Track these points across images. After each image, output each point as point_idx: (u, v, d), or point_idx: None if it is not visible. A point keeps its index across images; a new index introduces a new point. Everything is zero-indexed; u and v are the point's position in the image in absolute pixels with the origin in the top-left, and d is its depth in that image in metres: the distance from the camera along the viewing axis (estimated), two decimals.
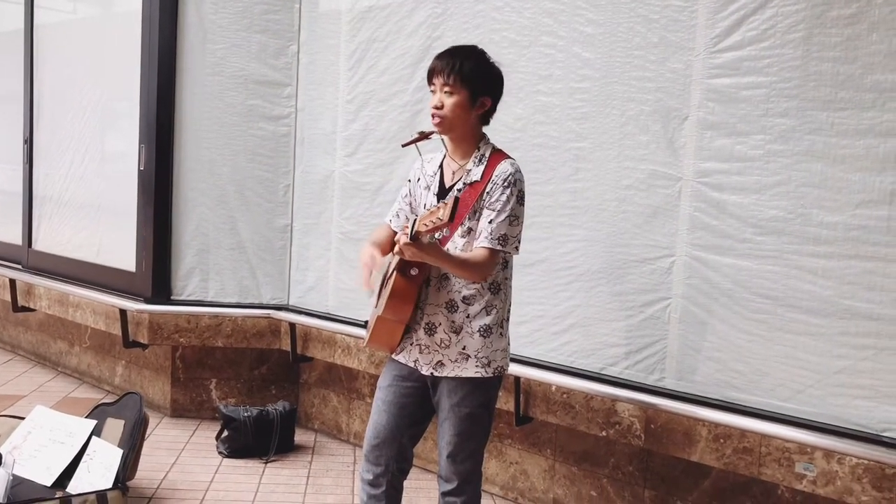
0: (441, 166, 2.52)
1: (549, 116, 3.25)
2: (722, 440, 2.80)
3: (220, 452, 4.02)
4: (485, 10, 3.45)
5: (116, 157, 4.76)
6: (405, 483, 2.62)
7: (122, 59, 4.56)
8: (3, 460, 3.28)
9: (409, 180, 2.61)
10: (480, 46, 2.50)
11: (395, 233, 2.59)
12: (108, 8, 5.06)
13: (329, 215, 4.16)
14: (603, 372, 3.13)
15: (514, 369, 3.26)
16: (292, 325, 4.20)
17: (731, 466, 2.80)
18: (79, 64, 4.99)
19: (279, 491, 3.64)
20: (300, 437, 4.26)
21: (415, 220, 2.20)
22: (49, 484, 3.28)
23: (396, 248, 2.26)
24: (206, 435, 4.25)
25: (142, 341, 4.40)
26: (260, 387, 4.53)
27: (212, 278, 4.37)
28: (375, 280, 2.49)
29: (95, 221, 4.88)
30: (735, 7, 2.76)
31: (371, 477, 2.54)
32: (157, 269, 4.34)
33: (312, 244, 4.27)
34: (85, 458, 3.34)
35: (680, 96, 2.90)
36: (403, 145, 2.54)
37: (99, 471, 3.27)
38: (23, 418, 3.60)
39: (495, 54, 3.38)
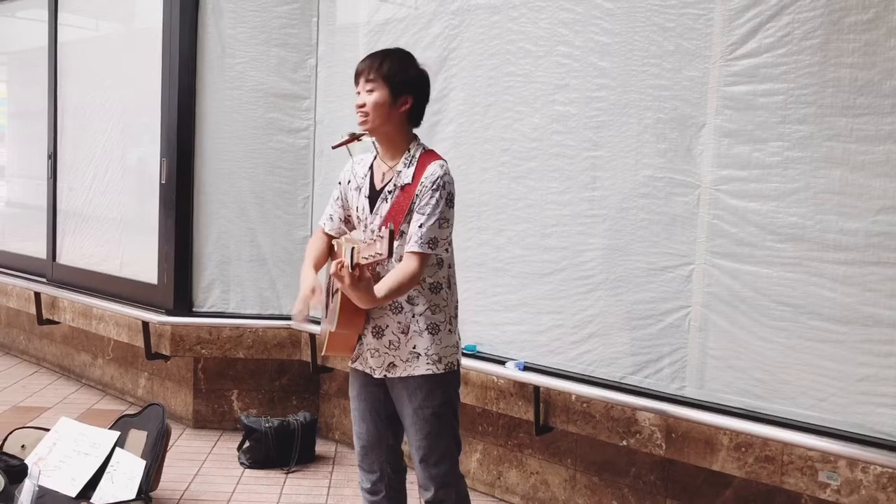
0: (371, 168, 2.53)
1: (566, 126, 3.26)
2: (743, 449, 2.78)
3: (241, 463, 4.05)
4: (501, 22, 3.46)
5: (138, 171, 4.82)
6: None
7: (144, 75, 4.62)
8: (29, 471, 3.32)
9: (340, 182, 2.63)
10: (407, 49, 2.54)
11: (330, 237, 2.64)
12: (129, 24, 5.13)
13: None
14: (623, 381, 3.12)
15: (534, 378, 3.27)
16: (312, 336, 4.22)
17: (753, 475, 2.77)
18: (101, 80, 5.06)
19: (300, 501, 3.66)
20: (321, 447, 4.28)
21: (352, 249, 2.19)
22: (73, 495, 3.31)
23: (333, 269, 2.26)
24: (228, 446, 4.27)
25: (164, 353, 4.44)
26: (281, 397, 4.55)
27: (232, 290, 4.41)
28: (318, 298, 2.50)
29: (118, 235, 4.94)
30: (751, 14, 2.75)
31: (369, 485, 2.59)
32: (179, 282, 4.39)
33: None
34: (109, 469, 3.38)
35: (697, 104, 2.90)
36: (333, 147, 2.57)
37: (122, 482, 3.30)
38: (48, 430, 3.64)
39: (512, 65, 3.44)
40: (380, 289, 2.31)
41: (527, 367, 3.34)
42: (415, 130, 2.52)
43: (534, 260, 3.37)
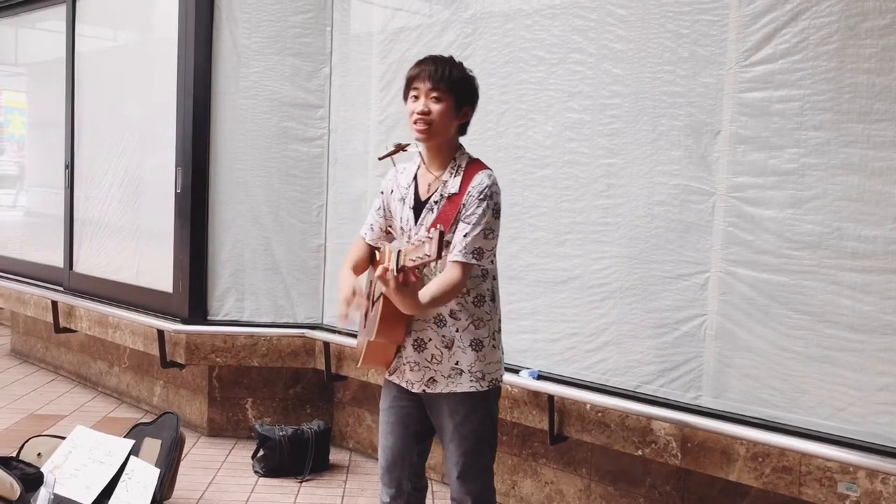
0: (416, 178, 2.47)
1: (580, 133, 3.25)
2: (760, 459, 2.75)
3: (255, 472, 4.05)
4: (514, 29, 3.46)
5: (154, 180, 4.85)
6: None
7: (159, 84, 4.66)
8: (44, 479, 3.34)
9: (382, 192, 2.57)
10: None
11: (371, 247, 2.58)
12: (145, 34, 5.17)
13: None
14: (638, 390, 3.09)
15: (548, 387, 3.25)
16: (326, 345, 4.22)
17: (770, 486, 2.74)
18: (117, 90, 5.11)
19: None
20: (335, 455, 4.27)
21: (398, 252, 2.15)
22: (88, 503, 3.32)
23: (378, 273, 2.21)
24: (243, 454, 4.28)
25: (179, 361, 4.45)
26: (295, 406, 4.55)
27: (247, 298, 4.42)
28: (359, 301, 2.44)
29: (134, 243, 4.97)
30: (766, 20, 2.73)
31: (388, 499, 2.54)
32: (194, 290, 4.40)
33: None
34: (123, 477, 3.39)
35: (712, 111, 2.88)
36: (380, 158, 2.52)
37: (137, 490, 3.31)
38: (64, 438, 3.66)
39: (525, 72, 3.44)
40: (423, 294, 2.26)
41: (541, 376, 3.32)
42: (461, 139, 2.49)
43: (548, 268, 3.36)
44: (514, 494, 3.69)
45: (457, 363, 2.39)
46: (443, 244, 2.04)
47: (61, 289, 5.44)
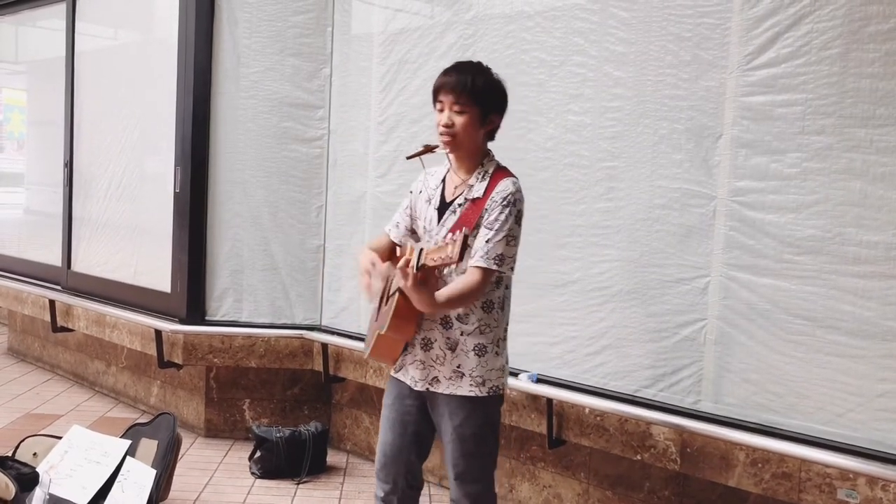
0: (444, 180, 2.50)
1: (581, 136, 3.23)
2: (760, 465, 2.74)
3: (252, 473, 4.03)
4: (515, 31, 3.45)
5: (153, 180, 4.84)
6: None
7: (159, 84, 4.65)
8: (40, 479, 3.32)
9: (412, 192, 2.60)
10: (486, 63, 2.48)
11: (393, 244, 2.60)
12: (146, 34, 5.16)
13: (361, 236, 4.17)
14: (637, 394, 3.08)
15: (547, 391, 3.24)
16: (324, 346, 4.21)
17: (770, 492, 2.73)
18: (117, 89, 5.09)
19: None
20: (332, 457, 4.25)
21: (420, 250, 2.16)
22: (84, 503, 3.30)
23: (399, 265, 2.23)
24: (240, 455, 4.26)
25: (176, 361, 4.44)
26: (293, 407, 4.54)
27: (245, 299, 4.40)
28: (375, 289, 2.47)
29: (132, 243, 4.95)
30: (769, 24, 2.72)
31: (382, 494, 2.56)
32: (192, 290, 4.39)
33: (345, 265, 4.28)
34: (119, 478, 3.37)
35: (713, 114, 2.87)
36: (408, 157, 2.54)
37: (133, 491, 3.29)
38: (60, 438, 3.65)
39: (526, 74, 3.42)
40: (441, 295, 2.29)
41: (540, 380, 3.30)
42: (489, 145, 2.49)
43: (547, 271, 3.34)
44: (512, 498, 3.68)
45: (459, 366, 2.40)
46: (465, 247, 2.04)
47: (59, 288, 5.43)
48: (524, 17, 3.42)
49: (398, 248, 2.59)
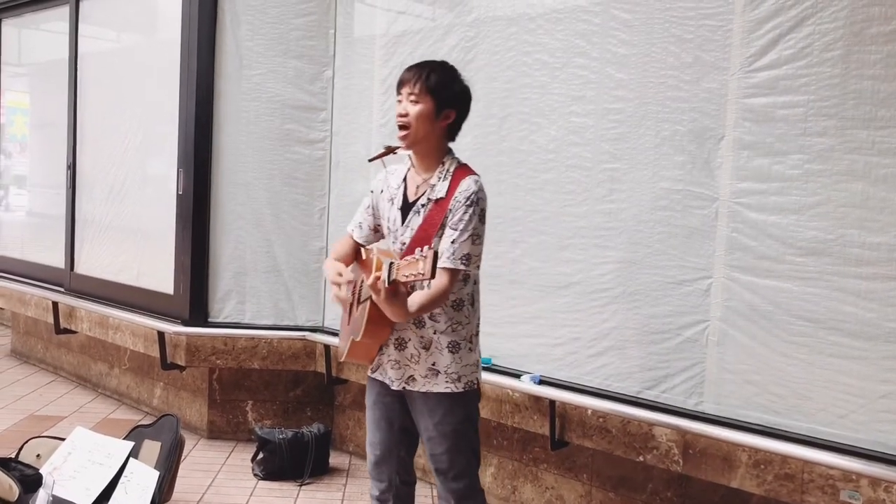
0: (405, 179, 2.52)
1: (583, 138, 3.24)
2: (763, 466, 2.74)
3: (255, 475, 4.04)
4: (517, 33, 3.46)
5: (156, 182, 4.84)
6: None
7: (162, 86, 4.65)
8: (43, 481, 3.33)
9: (373, 192, 2.62)
10: (450, 63, 2.54)
11: (358, 244, 2.63)
12: (148, 36, 5.17)
13: None
14: (640, 396, 3.08)
15: (550, 392, 3.24)
16: (327, 347, 4.22)
17: (772, 493, 2.73)
18: (120, 91, 5.11)
19: None
20: (335, 459, 4.26)
21: (391, 265, 2.18)
22: None
23: (369, 282, 2.24)
24: (242, 457, 4.27)
25: (179, 363, 4.44)
26: (295, 409, 4.54)
27: (248, 301, 4.41)
28: (343, 297, 2.50)
29: (135, 245, 4.96)
30: (771, 25, 2.73)
31: (378, 493, 2.61)
32: (195, 292, 4.40)
33: None
34: (122, 479, 3.38)
35: (715, 116, 2.87)
36: (370, 160, 2.58)
37: (136, 492, 3.30)
38: (63, 439, 3.65)
39: (528, 76, 3.43)
40: (412, 303, 2.33)
41: (542, 381, 3.31)
42: (450, 144, 2.52)
43: (550, 272, 3.35)
44: (515, 499, 3.68)
45: (433, 364, 2.44)
46: (436, 264, 2.07)
47: (62, 290, 5.44)
48: (526, 19, 3.42)
49: (363, 250, 2.63)
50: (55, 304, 5.35)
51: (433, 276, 2.08)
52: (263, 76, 4.35)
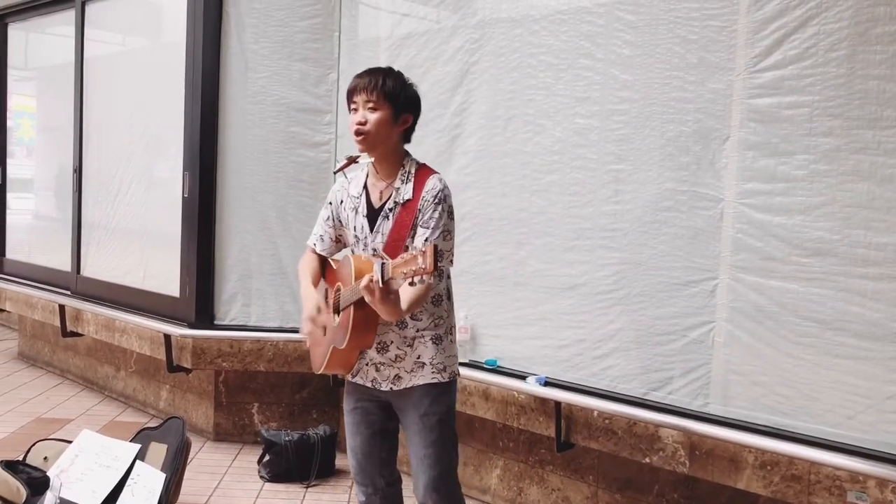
0: (365, 187, 2.53)
1: (588, 139, 3.24)
2: (769, 467, 2.73)
3: (261, 477, 4.04)
4: (522, 35, 3.46)
5: (161, 185, 4.85)
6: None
7: (167, 89, 4.66)
8: (50, 483, 3.34)
9: (331, 203, 2.62)
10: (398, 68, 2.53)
11: (323, 258, 2.64)
12: (154, 39, 5.19)
13: None
14: (646, 397, 3.07)
15: (555, 394, 3.24)
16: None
17: (779, 495, 2.72)
18: (126, 94, 5.12)
19: None
20: (341, 461, 4.25)
21: (383, 265, 2.19)
22: None
23: (363, 284, 2.23)
24: (249, 459, 4.27)
25: (185, 366, 4.45)
26: (301, 411, 4.54)
27: (254, 303, 4.42)
28: (324, 317, 2.50)
29: (141, 247, 4.97)
30: (775, 26, 2.72)
31: (364, 498, 2.63)
32: (201, 295, 4.40)
33: None
34: (129, 482, 3.39)
35: (720, 117, 2.87)
36: (335, 172, 2.58)
37: (142, 495, 3.30)
38: (70, 442, 3.66)
39: (533, 78, 3.43)
40: (402, 301, 2.34)
41: (548, 383, 3.30)
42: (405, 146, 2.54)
43: (555, 274, 3.35)
44: (521, 501, 3.67)
45: (419, 357, 2.47)
46: (437, 257, 2.08)
47: (69, 293, 5.45)
48: (530, 20, 3.42)
49: (330, 261, 2.63)
50: (62, 308, 5.37)
51: (435, 268, 2.09)
52: (268, 79, 4.36)
